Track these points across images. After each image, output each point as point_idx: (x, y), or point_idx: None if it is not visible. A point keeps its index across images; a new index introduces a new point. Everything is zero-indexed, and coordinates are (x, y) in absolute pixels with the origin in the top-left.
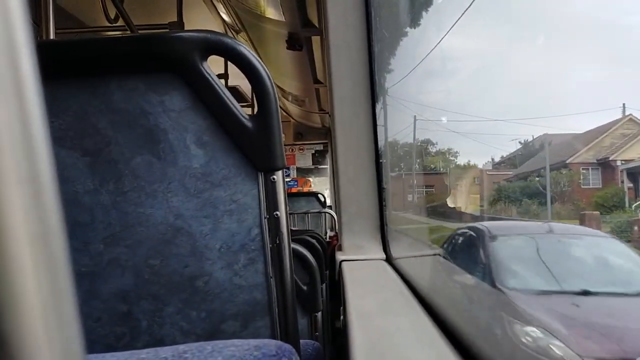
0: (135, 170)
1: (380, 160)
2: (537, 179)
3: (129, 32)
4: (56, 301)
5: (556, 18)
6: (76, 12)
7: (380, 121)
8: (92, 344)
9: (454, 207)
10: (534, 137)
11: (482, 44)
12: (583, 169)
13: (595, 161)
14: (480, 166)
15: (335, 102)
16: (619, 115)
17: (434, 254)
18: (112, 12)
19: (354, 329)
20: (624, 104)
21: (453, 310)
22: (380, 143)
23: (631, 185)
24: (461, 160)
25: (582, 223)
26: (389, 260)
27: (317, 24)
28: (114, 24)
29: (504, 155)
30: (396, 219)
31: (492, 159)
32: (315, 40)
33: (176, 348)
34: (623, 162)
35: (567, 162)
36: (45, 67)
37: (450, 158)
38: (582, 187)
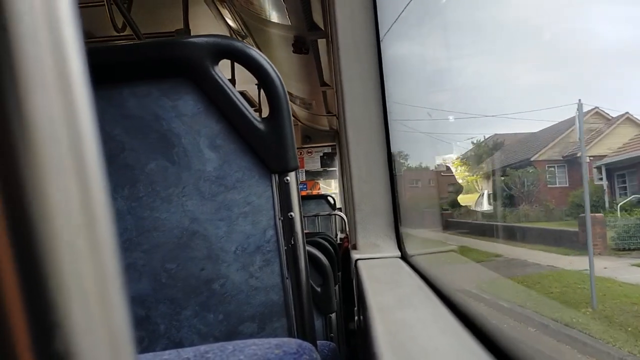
0: (150, 176)
1: (393, 158)
2: (501, 178)
3: (136, 40)
4: (107, 290)
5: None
6: (83, 22)
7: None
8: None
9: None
10: (486, 137)
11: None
12: (549, 166)
13: (561, 158)
14: (432, 168)
15: (346, 103)
16: (573, 113)
17: (450, 250)
18: (120, 22)
19: (375, 322)
20: (579, 100)
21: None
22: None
23: (606, 182)
24: (412, 163)
25: (584, 227)
26: (404, 257)
27: (323, 27)
28: (122, 33)
29: (455, 157)
30: None
31: (444, 161)
32: (322, 43)
33: (197, 349)
34: (592, 158)
35: (532, 159)
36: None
37: (400, 160)
38: (549, 186)
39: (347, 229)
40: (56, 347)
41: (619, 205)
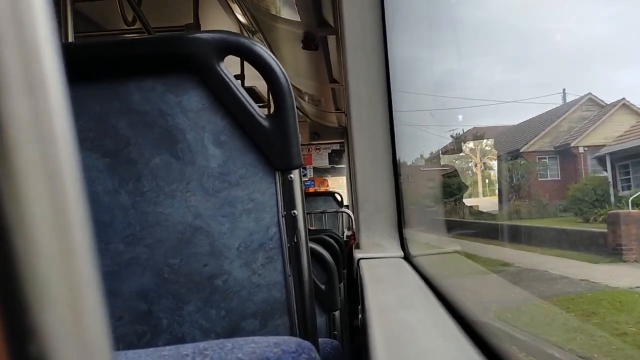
0: (154, 171)
1: (397, 158)
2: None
3: (146, 34)
4: (82, 293)
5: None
6: (94, 15)
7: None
8: (114, 342)
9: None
10: (465, 131)
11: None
12: (539, 157)
13: (552, 149)
14: (408, 163)
15: (352, 102)
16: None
17: (453, 251)
18: (130, 15)
19: (374, 323)
20: (564, 89)
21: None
22: None
23: (607, 174)
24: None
25: (614, 227)
26: (407, 258)
27: (332, 24)
28: (132, 27)
29: (434, 152)
30: None
31: (421, 155)
32: (331, 39)
33: (197, 345)
34: (587, 148)
35: (521, 150)
36: (65, 70)
37: None
38: (540, 179)
39: (354, 227)
40: (31, 351)
41: (630, 200)
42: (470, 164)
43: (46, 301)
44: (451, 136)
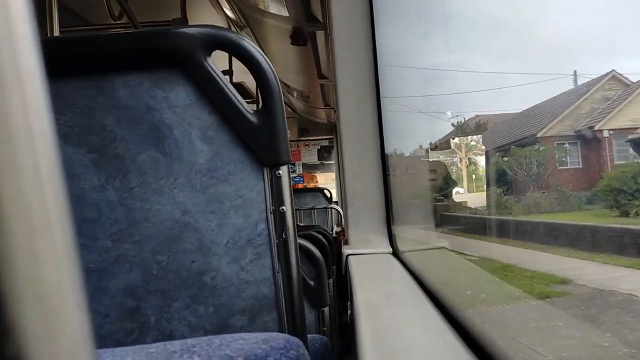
0: (141, 167)
1: (386, 154)
2: (503, 159)
3: (132, 29)
4: (63, 292)
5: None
6: (80, 10)
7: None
8: (102, 339)
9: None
10: (466, 119)
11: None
12: (558, 143)
13: (573, 133)
14: (406, 154)
15: (340, 97)
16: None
17: (441, 247)
18: (117, 10)
19: (361, 320)
20: (575, 71)
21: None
22: None
23: None
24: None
25: None
26: (395, 253)
27: (321, 19)
28: (118, 22)
29: (433, 142)
30: None
31: (420, 146)
32: (320, 35)
33: (185, 342)
34: (612, 131)
35: (538, 136)
36: (50, 64)
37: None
38: (560, 167)
39: (343, 223)
40: (7, 351)
41: None
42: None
43: (23, 300)
44: (453, 124)
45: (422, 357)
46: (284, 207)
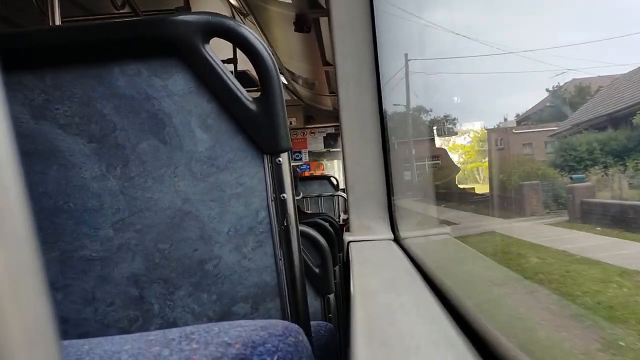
0: (142, 156)
1: (387, 140)
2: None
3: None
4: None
5: None
6: (83, 0)
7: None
8: (106, 327)
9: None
10: (561, 84)
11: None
12: None
13: None
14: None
15: (340, 82)
16: None
17: (444, 233)
18: None
19: (357, 305)
20: None
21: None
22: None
23: None
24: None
25: None
26: (396, 240)
27: (324, 4)
28: (121, 11)
29: (520, 113)
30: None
31: (505, 119)
32: (324, 21)
33: (184, 329)
34: None
35: None
36: (48, 54)
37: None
38: None
39: (347, 207)
40: None
41: None
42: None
43: None
44: (547, 90)
45: (413, 342)
46: (284, 195)
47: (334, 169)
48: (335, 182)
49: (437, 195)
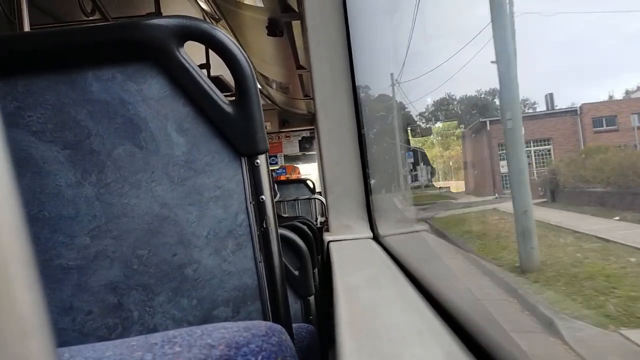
0: (118, 161)
1: (363, 139)
2: None
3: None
4: (13, 282)
5: None
6: (51, 7)
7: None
8: (85, 336)
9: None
10: None
11: None
12: None
13: None
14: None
15: (316, 84)
16: None
17: (420, 230)
18: (89, 6)
19: (340, 301)
20: None
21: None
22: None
23: None
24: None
25: None
26: (376, 238)
27: (296, 9)
28: (91, 17)
29: None
30: None
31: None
32: (296, 25)
33: (166, 334)
34: None
35: None
36: (20, 60)
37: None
38: None
39: (326, 207)
40: None
41: None
42: None
43: None
44: None
45: (399, 333)
46: (263, 197)
47: (309, 172)
48: (312, 185)
49: None
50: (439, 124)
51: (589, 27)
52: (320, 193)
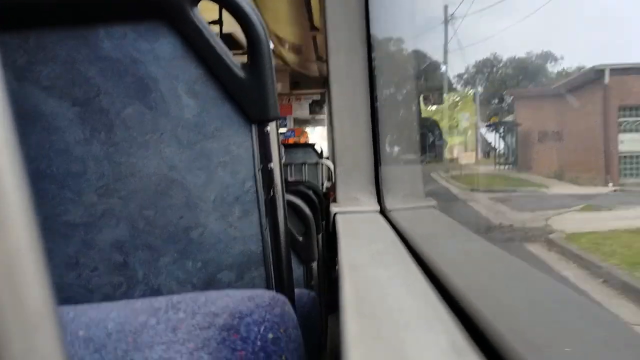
0: (127, 121)
1: (376, 112)
2: None
3: None
4: (23, 256)
5: None
6: None
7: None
8: (90, 292)
9: None
10: None
11: None
12: None
13: None
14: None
15: (331, 51)
16: None
17: (429, 206)
18: None
19: (345, 280)
20: None
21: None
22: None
23: None
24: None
25: None
26: (383, 212)
27: None
28: None
29: None
30: None
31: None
32: None
33: (170, 298)
34: None
35: None
36: (32, 13)
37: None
38: None
39: (334, 178)
40: None
41: None
42: None
43: None
44: None
45: (403, 318)
46: (271, 164)
47: (315, 136)
48: (319, 150)
49: None
50: None
51: None
52: (327, 158)
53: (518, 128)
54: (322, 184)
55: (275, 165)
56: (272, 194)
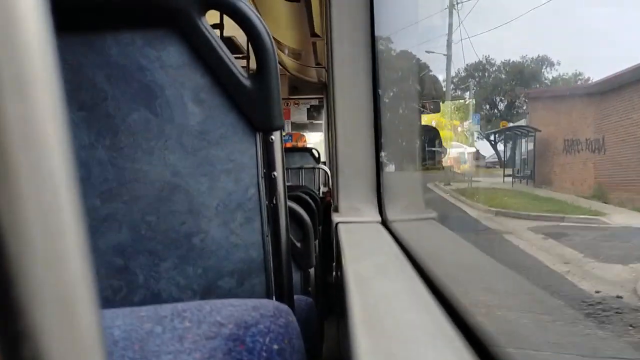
0: (132, 127)
1: (379, 121)
2: None
3: None
4: (77, 298)
5: None
6: None
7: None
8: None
9: None
10: None
11: None
12: None
13: None
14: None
15: (335, 61)
16: None
17: (429, 218)
18: None
19: (352, 293)
20: None
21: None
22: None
23: None
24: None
25: None
26: (384, 223)
27: None
28: None
29: None
30: None
31: None
32: None
33: (175, 306)
34: None
35: None
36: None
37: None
38: None
39: (330, 183)
40: (25, 353)
41: None
42: None
43: (40, 303)
44: None
45: (411, 334)
46: (275, 173)
47: (316, 141)
48: (317, 155)
49: None
50: None
51: None
52: (324, 163)
53: (535, 135)
54: (319, 189)
55: (278, 173)
56: (274, 201)
